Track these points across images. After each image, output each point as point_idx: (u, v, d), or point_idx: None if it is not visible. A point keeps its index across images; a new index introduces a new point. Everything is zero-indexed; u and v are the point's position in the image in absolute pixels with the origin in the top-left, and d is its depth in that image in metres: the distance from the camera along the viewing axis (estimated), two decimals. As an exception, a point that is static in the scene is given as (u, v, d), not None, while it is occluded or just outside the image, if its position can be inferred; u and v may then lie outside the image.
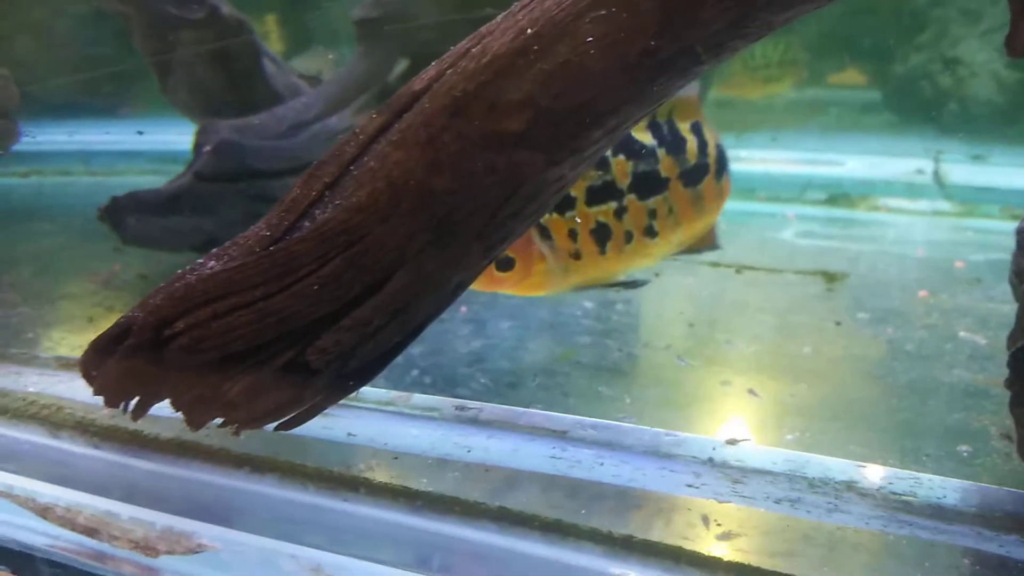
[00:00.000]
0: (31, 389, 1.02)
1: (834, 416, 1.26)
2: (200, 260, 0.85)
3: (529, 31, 0.84)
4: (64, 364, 1.10)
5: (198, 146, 1.58)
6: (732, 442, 0.94)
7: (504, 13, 0.90)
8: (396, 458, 0.87)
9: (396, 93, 0.91)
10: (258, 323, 0.81)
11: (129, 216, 1.46)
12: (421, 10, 2.06)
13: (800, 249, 2.19)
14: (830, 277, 1.71)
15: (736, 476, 0.85)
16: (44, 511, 0.88)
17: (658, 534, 0.72)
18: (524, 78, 0.83)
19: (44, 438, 0.92)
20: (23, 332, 1.38)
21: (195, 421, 0.85)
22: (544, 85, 0.84)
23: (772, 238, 2.32)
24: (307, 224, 0.85)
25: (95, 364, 0.82)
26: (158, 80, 1.79)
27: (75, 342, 1.35)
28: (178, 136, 2.92)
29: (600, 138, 0.89)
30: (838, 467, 0.91)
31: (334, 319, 0.84)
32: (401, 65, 2.05)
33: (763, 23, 0.87)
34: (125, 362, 0.81)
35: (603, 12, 0.83)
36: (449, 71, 0.87)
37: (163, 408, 0.84)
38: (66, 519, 0.87)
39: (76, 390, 1.01)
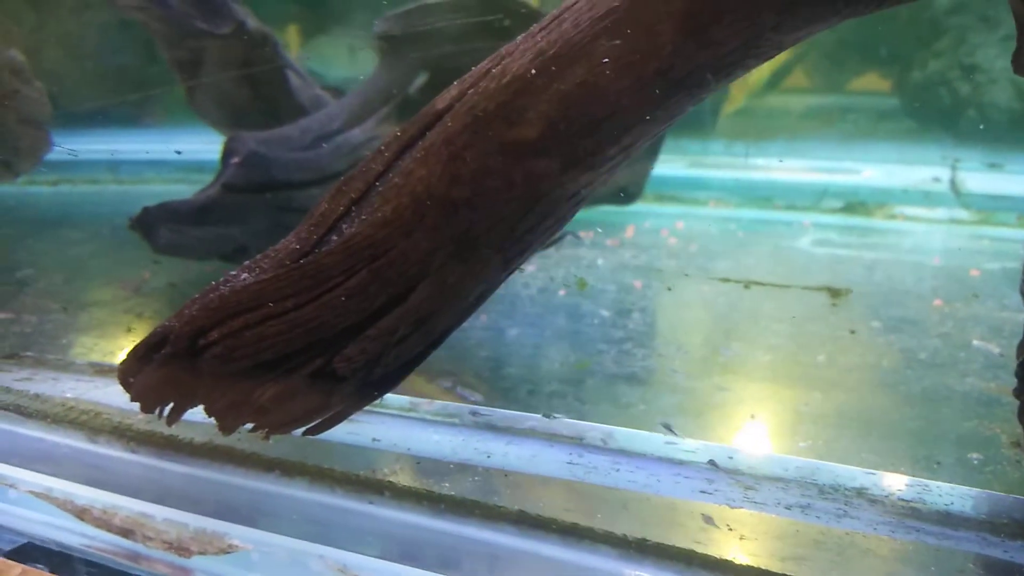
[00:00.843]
0: (68, 395, 1.06)
1: (847, 424, 1.28)
2: (233, 272, 0.89)
3: (547, 52, 0.88)
4: (99, 370, 1.14)
5: (226, 158, 1.62)
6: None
7: (524, 34, 0.93)
8: (419, 463, 0.91)
9: (419, 112, 0.95)
10: (288, 333, 0.85)
11: (160, 226, 1.50)
12: (443, 25, 2.10)
13: (815, 258, 2.21)
14: (835, 293, 1.73)
15: (748, 483, 0.88)
16: (81, 512, 0.92)
17: (671, 538, 0.75)
18: (542, 98, 0.87)
19: (82, 442, 0.96)
20: (58, 338, 1.43)
21: (227, 426, 0.89)
22: (561, 105, 0.87)
23: (788, 246, 2.34)
24: (335, 238, 0.89)
25: (133, 371, 0.86)
26: (185, 92, 1.84)
27: (108, 348, 1.39)
28: (203, 145, 2.99)
29: (615, 155, 0.92)
30: (848, 474, 0.93)
31: (360, 329, 0.88)
32: (420, 78, 2.09)
33: (774, 43, 0.90)
34: (162, 370, 0.85)
35: (619, 34, 0.86)
36: (471, 91, 0.91)
37: (196, 413, 0.87)
38: (102, 520, 0.91)
39: (112, 395, 1.04)
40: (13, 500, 0.95)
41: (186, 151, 2.97)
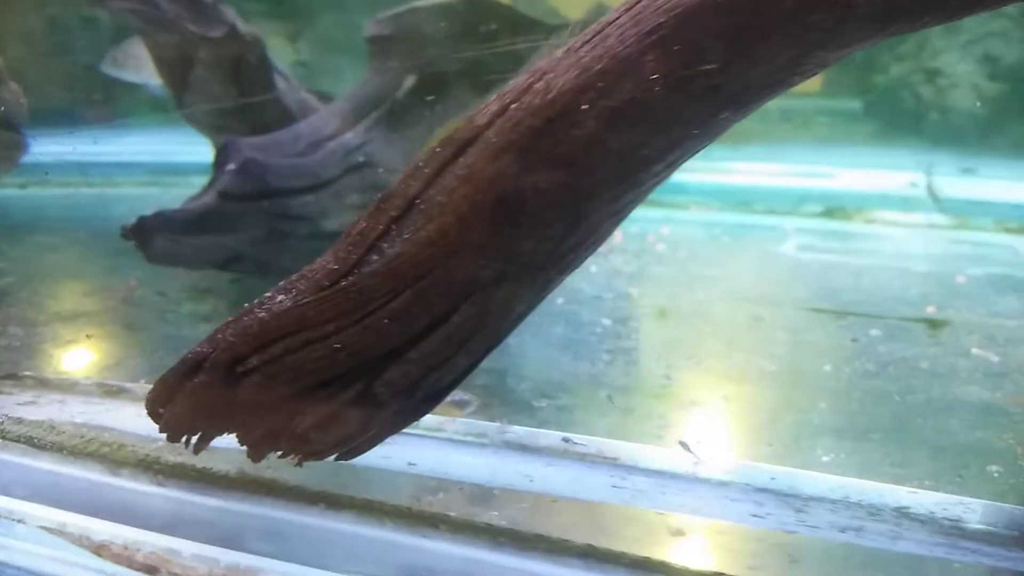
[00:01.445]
0: (78, 419, 1.00)
1: (862, 435, 1.28)
2: (268, 294, 0.85)
3: (593, 68, 0.86)
4: (108, 391, 1.09)
5: (219, 164, 1.57)
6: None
7: (564, 48, 0.91)
8: (462, 489, 0.88)
9: (457, 127, 0.92)
10: (330, 358, 0.81)
11: (157, 235, 1.44)
12: (431, 29, 2.07)
13: (803, 264, 2.22)
14: (933, 324, 1.71)
15: (797, 504, 0.87)
16: (99, 548, 0.87)
17: (743, 571, 0.74)
18: (589, 115, 0.84)
19: (103, 475, 0.90)
20: (50, 352, 1.36)
21: (260, 454, 0.85)
22: (609, 122, 0.85)
23: (773, 251, 2.36)
24: (375, 258, 0.85)
25: (164, 401, 0.82)
26: (173, 97, 1.78)
27: (104, 363, 1.33)
28: (176, 147, 2.91)
29: (660, 171, 0.91)
30: (890, 493, 0.92)
31: (401, 352, 0.85)
32: (409, 81, 2.06)
33: (819, 60, 0.88)
34: (195, 398, 0.81)
35: (667, 50, 0.84)
36: (513, 106, 0.88)
37: (223, 441, 0.84)
38: (123, 556, 0.86)
39: (124, 420, 0.99)
40: (21, 536, 0.89)
41: (158, 152, 2.90)
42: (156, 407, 0.83)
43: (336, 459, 0.86)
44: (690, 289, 1.93)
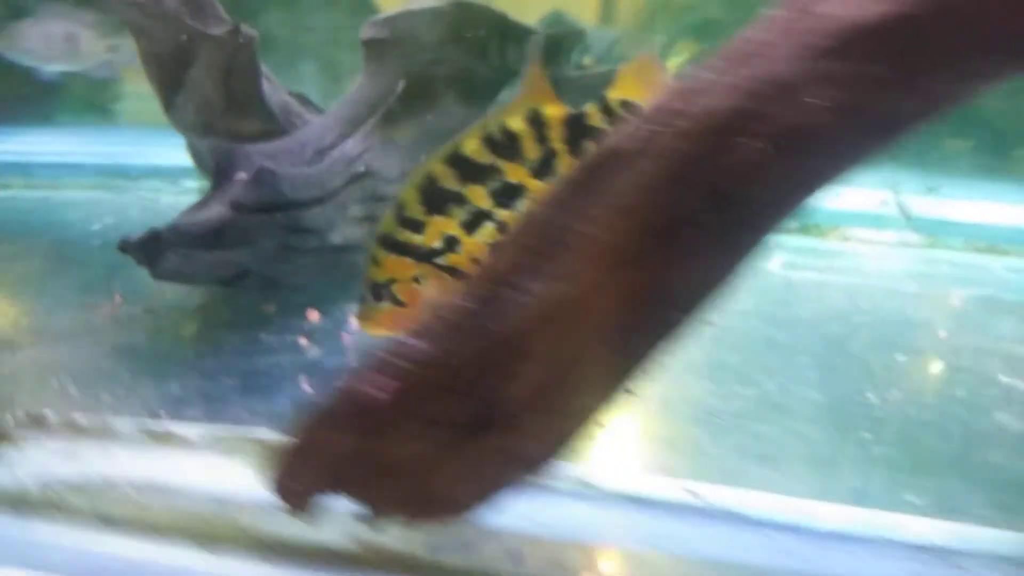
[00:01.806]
0: (134, 477, 0.85)
1: (927, 470, 1.24)
2: (399, 339, 0.74)
3: (752, 92, 0.78)
4: (153, 436, 0.94)
5: (225, 172, 1.42)
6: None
7: (706, 68, 0.83)
8: (610, 553, 0.79)
9: (588, 151, 0.83)
10: (479, 411, 0.72)
11: (169, 251, 1.29)
12: (427, 32, 1.98)
13: (795, 284, 2.20)
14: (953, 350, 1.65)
15: (952, 559, 0.82)
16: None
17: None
18: (751, 143, 0.77)
19: (192, 551, 0.76)
20: (50, 383, 1.18)
21: (383, 519, 0.75)
22: (767, 150, 0.78)
23: (763, 269, 2.32)
24: (518, 297, 0.76)
25: (296, 474, 0.71)
26: (162, 97, 1.62)
27: (115, 393, 1.17)
28: (119, 149, 2.71)
29: (803, 200, 0.84)
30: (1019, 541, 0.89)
31: (542, 399, 0.76)
32: (400, 87, 1.96)
33: (968, 92, 0.84)
34: (323, 459, 0.70)
35: (832, 74, 0.78)
36: (660, 130, 0.80)
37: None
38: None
39: (192, 476, 0.86)
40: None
41: (103, 153, 2.69)
42: (287, 483, 0.71)
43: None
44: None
